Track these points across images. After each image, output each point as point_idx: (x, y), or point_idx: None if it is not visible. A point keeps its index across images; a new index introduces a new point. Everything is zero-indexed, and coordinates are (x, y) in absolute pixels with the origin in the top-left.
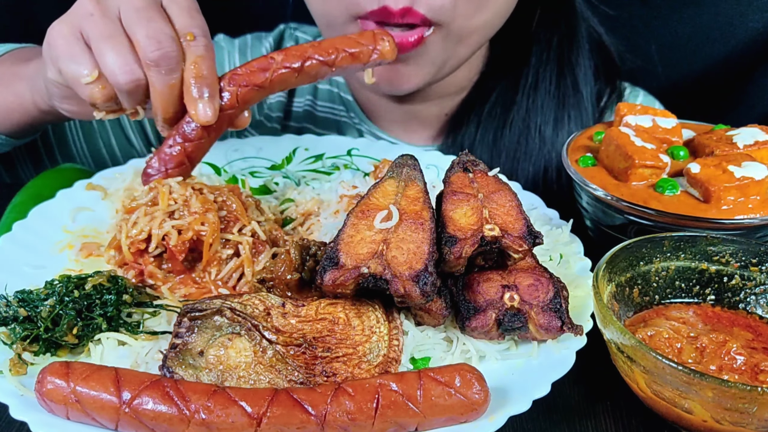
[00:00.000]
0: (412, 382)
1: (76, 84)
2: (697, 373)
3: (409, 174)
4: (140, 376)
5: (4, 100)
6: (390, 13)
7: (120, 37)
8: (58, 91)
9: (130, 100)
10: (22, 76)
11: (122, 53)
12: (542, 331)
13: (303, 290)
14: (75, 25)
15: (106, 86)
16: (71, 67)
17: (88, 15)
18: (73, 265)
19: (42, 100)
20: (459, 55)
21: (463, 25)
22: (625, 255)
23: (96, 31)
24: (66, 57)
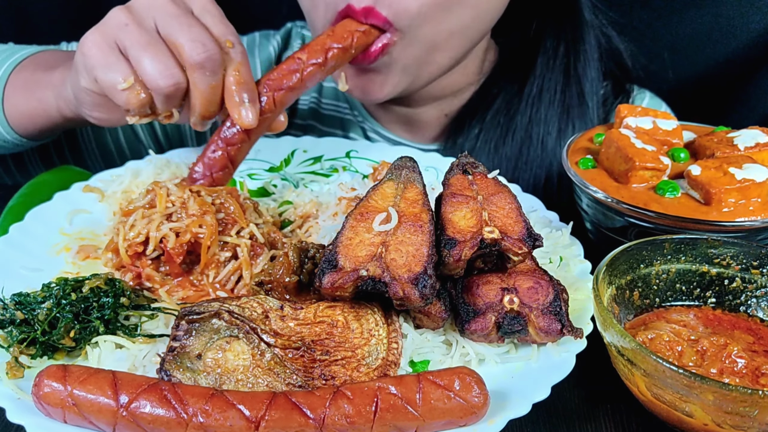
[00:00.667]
0: (411, 386)
1: (112, 91)
2: (698, 376)
3: (408, 176)
4: (138, 380)
5: (28, 107)
6: (354, 12)
7: (158, 44)
8: (90, 99)
9: (168, 103)
10: (47, 84)
11: (162, 59)
12: (542, 334)
13: (301, 293)
14: (109, 35)
15: (141, 92)
16: (107, 75)
17: (123, 26)
18: (70, 267)
19: (68, 107)
20: (437, 61)
21: (432, 31)
22: (625, 257)
23: (132, 40)
24: (101, 66)
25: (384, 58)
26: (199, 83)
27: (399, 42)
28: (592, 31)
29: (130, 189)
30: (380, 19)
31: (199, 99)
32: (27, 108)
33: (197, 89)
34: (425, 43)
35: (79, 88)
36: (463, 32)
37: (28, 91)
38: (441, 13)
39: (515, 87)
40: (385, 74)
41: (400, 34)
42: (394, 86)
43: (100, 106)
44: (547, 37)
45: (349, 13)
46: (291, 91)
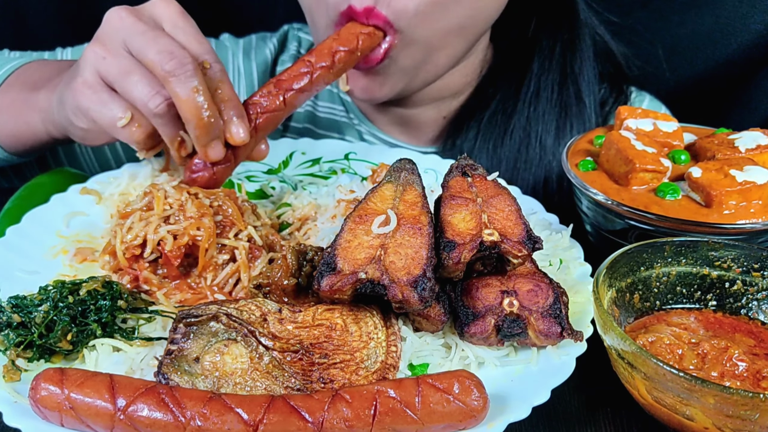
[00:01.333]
0: (410, 389)
1: (113, 129)
2: (699, 379)
3: (407, 178)
4: (135, 383)
5: (17, 129)
6: (355, 13)
7: (137, 68)
8: (84, 134)
9: (168, 127)
10: (33, 107)
11: (144, 81)
12: (542, 337)
13: (300, 296)
14: (93, 72)
15: (142, 123)
16: (104, 113)
17: (100, 59)
18: (68, 270)
19: (57, 130)
20: (436, 62)
21: (430, 31)
22: (625, 260)
23: (113, 70)
24: (96, 106)
25: (386, 64)
26: (179, 92)
27: (399, 43)
28: (588, 31)
29: (127, 191)
30: (381, 19)
31: (187, 108)
32: (15, 130)
33: (180, 99)
34: (424, 44)
35: (72, 125)
36: (460, 32)
37: (16, 113)
38: (438, 13)
39: (512, 87)
40: (384, 75)
41: (399, 35)
42: (394, 85)
43: (93, 136)
44: (543, 37)
45: (351, 14)
46: (301, 92)
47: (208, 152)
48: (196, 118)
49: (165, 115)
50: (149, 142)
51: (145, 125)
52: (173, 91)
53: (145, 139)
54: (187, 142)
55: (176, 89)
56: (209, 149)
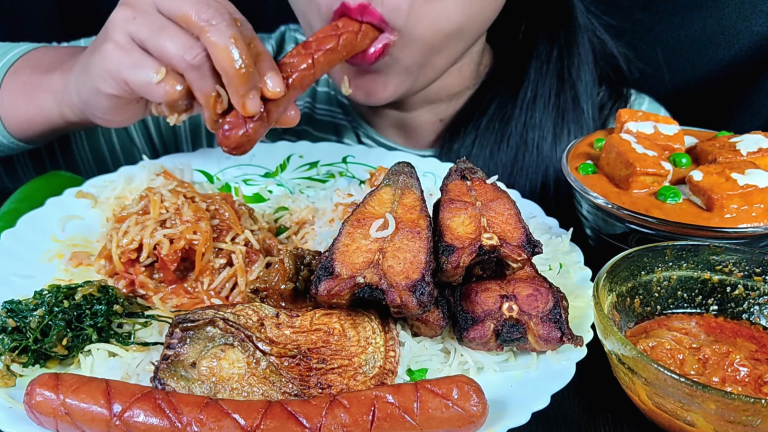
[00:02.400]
0: (408, 394)
1: (148, 88)
2: (700, 385)
3: (405, 182)
4: (131, 388)
5: (27, 112)
6: (349, 10)
7: (169, 25)
8: (109, 103)
9: (204, 80)
10: (46, 89)
11: (178, 35)
12: (541, 342)
13: (297, 300)
14: (123, 33)
15: (176, 80)
16: (137, 74)
17: (130, 19)
18: (63, 274)
19: (72, 113)
20: (436, 63)
21: (429, 31)
22: (626, 264)
23: (145, 29)
24: (128, 66)
25: (385, 59)
26: (217, 41)
27: (398, 42)
28: (586, 35)
29: (123, 195)
30: (375, 17)
31: (225, 57)
32: (26, 113)
33: (218, 48)
34: (423, 44)
35: (98, 94)
36: (459, 33)
37: (27, 96)
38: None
39: (509, 92)
40: (387, 74)
41: (398, 33)
42: (397, 87)
43: (117, 109)
44: (540, 41)
45: (345, 11)
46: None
47: (246, 103)
48: (234, 66)
49: (201, 67)
50: (181, 104)
51: (180, 81)
52: (210, 41)
53: (179, 97)
54: (223, 96)
55: (214, 38)
56: (247, 100)
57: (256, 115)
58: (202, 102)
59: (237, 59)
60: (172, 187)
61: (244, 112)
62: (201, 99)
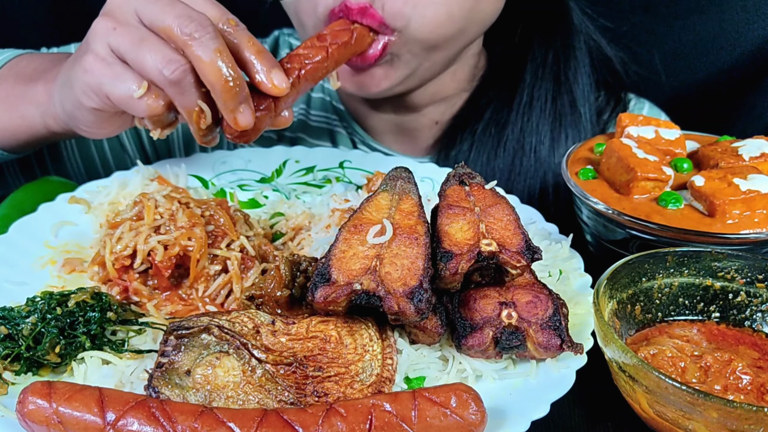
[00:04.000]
0: (406, 403)
1: (129, 102)
2: (702, 393)
3: (403, 187)
4: (125, 396)
5: (11, 123)
6: (350, 10)
7: (150, 36)
8: (93, 117)
9: (185, 95)
10: (30, 100)
11: (157, 48)
12: (541, 350)
13: (293, 307)
14: (104, 45)
15: (158, 94)
16: (118, 87)
17: (110, 30)
18: (56, 281)
19: (57, 124)
20: (435, 60)
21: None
22: (626, 271)
23: (125, 41)
24: (109, 79)
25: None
26: (201, 55)
27: (397, 41)
28: (582, 38)
29: (117, 200)
30: (376, 20)
31: (210, 71)
32: (10, 124)
33: (203, 63)
34: (423, 43)
35: (81, 107)
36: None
37: (10, 107)
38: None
39: (505, 97)
40: (387, 69)
41: (397, 33)
42: (392, 81)
43: (101, 122)
44: (535, 44)
45: (344, 11)
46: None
47: (237, 118)
48: (221, 81)
49: (181, 82)
50: (164, 118)
51: (161, 96)
52: (194, 55)
53: (162, 111)
54: (206, 112)
55: (198, 52)
56: (238, 114)
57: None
58: (186, 117)
59: (224, 73)
60: (167, 192)
61: (236, 127)
62: (184, 114)
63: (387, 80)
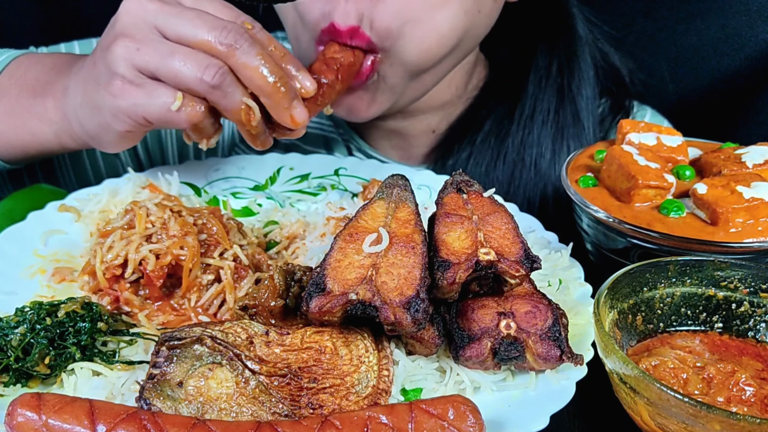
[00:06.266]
0: (402, 415)
1: (169, 117)
2: (704, 405)
3: (399, 195)
4: (116, 409)
5: (17, 138)
6: (338, 32)
7: (178, 48)
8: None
9: (228, 98)
10: (40, 117)
11: (192, 58)
12: (540, 361)
13: (288, 318)
14: (129, 67)
15: (195, 101)
16: (154, 105)
17: (134, 51)
18: (45, 291)
19: (74, 141)
20: (425, 80)
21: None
22: (627, 280)
23: (153, 59)
24: (142, 99)
25: (374, 80)
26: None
27: (385, 60)
28: (587, 47)
29: (107, 209)
30: (364, 40)
31: (259, 76)
32: (17, 139)
33: (250, 69)
34: (412, 64)
35: (109, 130)
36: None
37: (17, 121)
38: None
39: (506, 107)
40: (373, 92)
41: (385, 52)
42: (381, 104)
43: (128, 139)
44: (538, 54)
45: (333, 33)
46: None
47: (293, 115)
48: (270, 84)
49: (222, 84)
50: (207, 126)
51: (199, 101)
52: (239, 63)
53: (203, 117)
54: (254, 107)
55: (242, 60)
56: (294, 111)
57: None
58: (233, 120)
59: (270, 76)
60: (158, 200)
61: (294, 125)
62: (231, 117)
63: (375, 105)
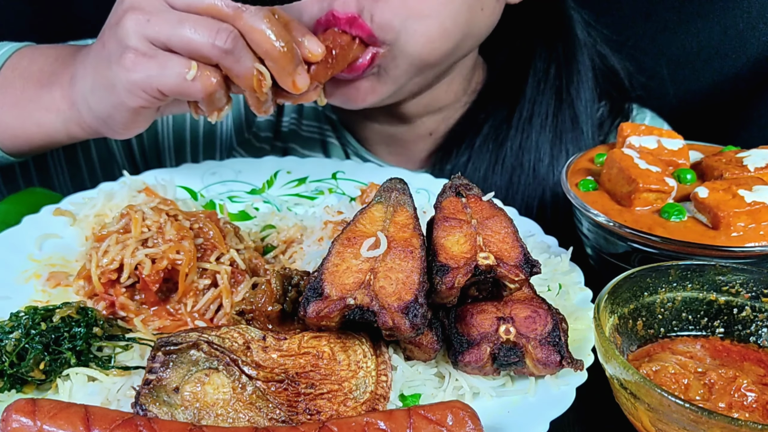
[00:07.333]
0: (401, 421)
1: (183, 87)
2: (706, 410)
3: (398, 199)
4: (111, 414)
5: (23, 129)
6: (336, 19)
7: (187, 16)
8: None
9: (240, 62)
10: (47, 107)
11: (202, 24)
12: (540, 366)
13: (285, 323)
14: (141, 39)
15: (210, 70)
16: (168, 75)
17: (144, 23)
18: (40, 295)
19: (83, 130)
20: (425, 76)
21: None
22: (628, 285)
23: (164, 28)
24: (157, 71)
25: (372, 69)
26: (254, 24)
27: (387, 54)
28: (586, 50)
29: (103, 212)
30: (365, 31)
31: (265, 39)
32: (23, 130)
33: (255, 31)
34: (415, 59)
35: (121, 109)
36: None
37: (23, 112)
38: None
39: (504, 111)
40: (373, 83)
41: (387, 46)
42: (380, 94)
43: (139, 120)
44: (537, 57)
45: (331, 21)
46: None
47: (296, 80)
48: (276, 47)
49: (235, 49)
50: (221, 96)
51: (214, 71)
52: (247, 26)
53: (218, 87)
54: (265, 73)
55: (250, 22)
56: (297, 77)
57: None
58: (245, 86)
59: (276, 39)
60: (154, 204)
61: (295, 90)
62: (242, 83)
63: (373, 95)
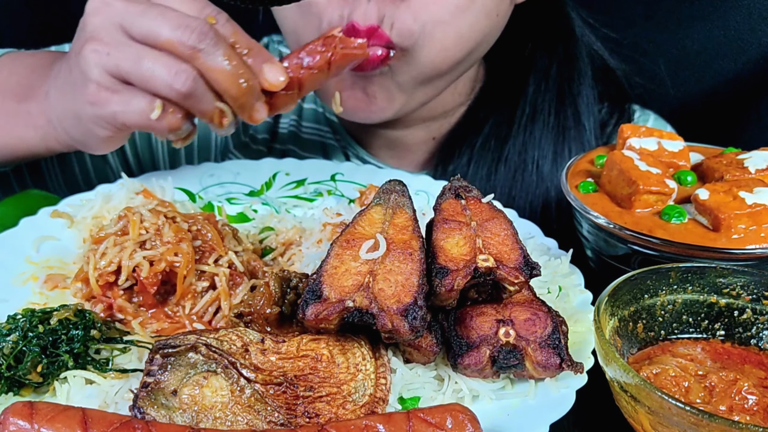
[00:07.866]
0: (400, 424)
1: (147, 125)
2: (706, 413)
3: (397, 200)
4: (109, 417)
5: (6, 142)
6: (356, 31)
7: (146, 52)
8: (105, 142)
9: (202, 102)
10: (26, 122)
11: (159, 63)
12: (540, 369)
13: (283, 325)
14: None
15: (174, 109)
16: (132, 112)
17: (104, 56)
18: (38, 298)
19: (61, 145)
20: (438, 84)
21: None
22: (628, 287)
23: (123, 63)
24: (121, 108)
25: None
26: (211, 65)
27: (401, 57)
28: (585, 49)
29: (101, 214)
30: (383, 40)
31: (224, 79)
32: (5, 144)
33: (214, 71)
34: (428, 66)
35: (92, 136)
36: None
37: (5, 126)
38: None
39: (506, 110)
40: (380, 88)
41: (403, 52)
42: (390, 104)
43: (113, 141)
44: (538, 56)
45: (350, 32)
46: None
47: (253, 116)
48: (235, 86)
49: (194, 91)
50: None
51: (178, 109)
52: (205, 66)
53: (182, 123)
54: (227, 110)
55: (208, 63)
56: (255, 113)
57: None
58: (207, 121)
59: (235, 78)
60: (152, 206)
61: (252, 122)
62: (204, 119)
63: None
